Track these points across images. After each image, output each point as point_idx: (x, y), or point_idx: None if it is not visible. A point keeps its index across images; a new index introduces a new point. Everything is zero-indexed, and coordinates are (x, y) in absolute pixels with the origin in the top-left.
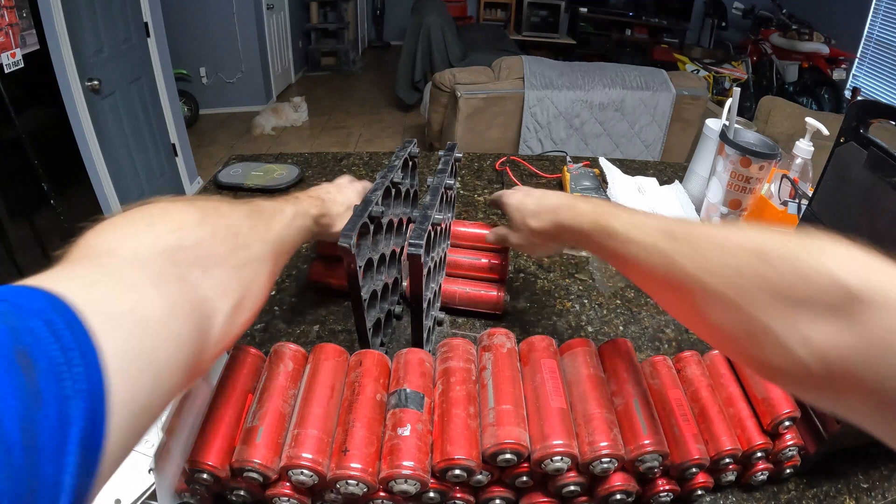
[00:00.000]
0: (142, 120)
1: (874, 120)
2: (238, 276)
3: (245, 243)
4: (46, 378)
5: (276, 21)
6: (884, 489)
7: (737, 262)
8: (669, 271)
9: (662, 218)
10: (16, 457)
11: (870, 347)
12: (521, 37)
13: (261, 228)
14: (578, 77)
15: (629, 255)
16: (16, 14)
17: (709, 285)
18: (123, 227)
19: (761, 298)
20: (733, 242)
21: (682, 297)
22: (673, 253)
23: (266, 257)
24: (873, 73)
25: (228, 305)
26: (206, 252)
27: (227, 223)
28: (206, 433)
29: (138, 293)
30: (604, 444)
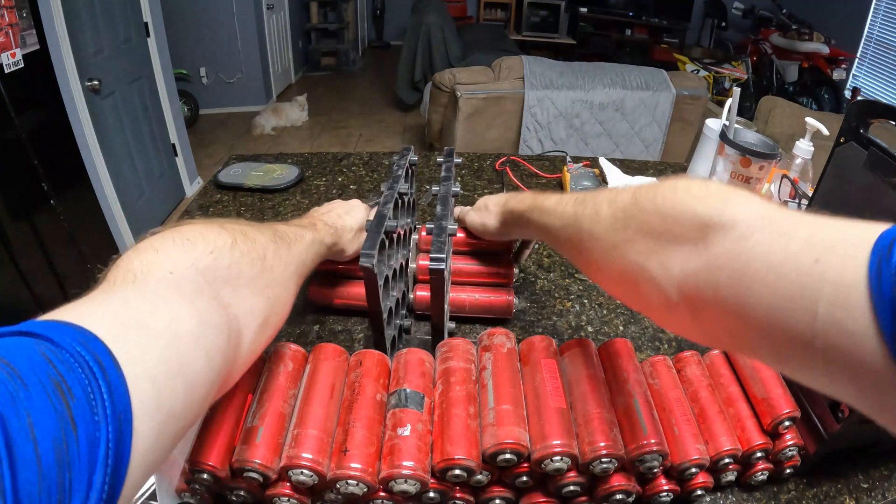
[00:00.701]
0: (142, 120)
1: (874, 120)
2: (264, 296)
3: (270, 266)
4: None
5: (276, 21)
6: (884, 489)
7: (617, 209)
8: (575, 232)
9: (585, 192)
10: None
11: (716, 268)
12: (521, 37)
13: (283, 253)
14: (578, 77)
15: (554, 227)
16: (16, 14)
17: (596, 233)
18: (161, 248)
19: (632, 238)
20: (620, 195)
21: (583, 252)
22: (579, 215)
23: (287, 280)
24: (873, 73)
25: (256, 323)
26: (237, 273)
27: (254, 247)
28: (206, 433)
29: (172, 311)
30: (603, 444)
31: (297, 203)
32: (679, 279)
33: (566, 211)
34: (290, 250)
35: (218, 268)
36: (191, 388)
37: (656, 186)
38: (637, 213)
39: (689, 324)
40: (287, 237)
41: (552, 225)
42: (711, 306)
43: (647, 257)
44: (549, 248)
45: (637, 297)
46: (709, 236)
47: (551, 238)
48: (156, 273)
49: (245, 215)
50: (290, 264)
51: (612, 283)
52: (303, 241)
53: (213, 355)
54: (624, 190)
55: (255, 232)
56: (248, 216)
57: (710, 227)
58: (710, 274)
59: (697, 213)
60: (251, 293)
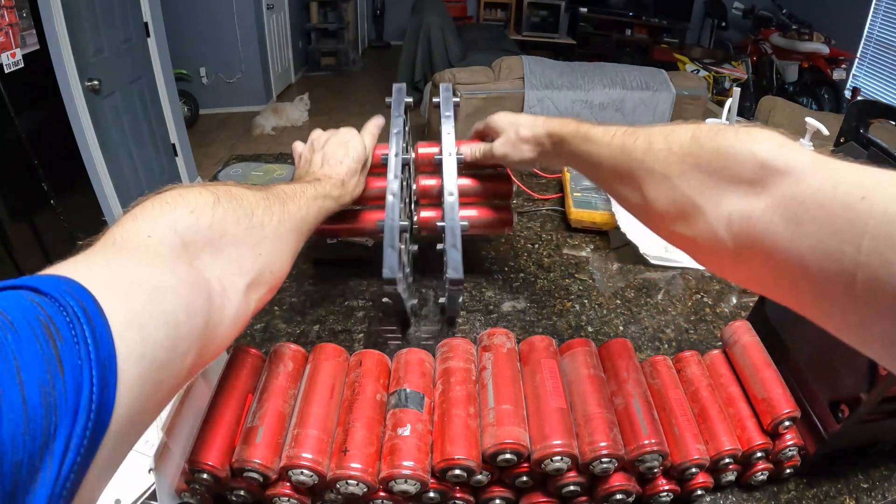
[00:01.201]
0: (142, 120)
1: (874, 120)
2: (252, 255)
3: (260, 222)
4: (68, 347)
5: (276, 21)
6: (884, 489)
7: (673, 143)
8: (626, 163)
9: (630, 126)
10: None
11: (771, 209)
12: (521, 37)
13: (276, 209)
14: (578, 77)
15: (599, 156)
16: (16, 14)
17: (647, 164)
18: (140, 215)
19: (688, 172)
20: (677, 131)
21: (632, 182)
22: (628, 146)
23: (282, 235)
24: (873, 73)
25: (243, 283)
26: (220, 232)
27: (240, 204)
28: (206, 433)
29: (151, 269)
30: (604, 444)
31: None
32: (730, 218)
33: (614, 141)
34: (285, 207)
35: (199, 227)
36: (174, 339)
37: (716, 127)
38: (695, 149)
39: (730, 264)
40: (282, 195)
41: (597, 154)
42: (759, 247)
43: (700, 192)
44: (549, 249)
45: (683, 232)
46: (766, 178)
47: (593, 168)
48: (133, 238)
49: None
50: (284, 220)
51: (657, 217)
52: (302, 197)
53: (193, 314)
54: (679, 126)
55: (243, 191)
56: None
57: (769, 170)
58: (763, 215)
59: (757, 155)
60: (237, 251)
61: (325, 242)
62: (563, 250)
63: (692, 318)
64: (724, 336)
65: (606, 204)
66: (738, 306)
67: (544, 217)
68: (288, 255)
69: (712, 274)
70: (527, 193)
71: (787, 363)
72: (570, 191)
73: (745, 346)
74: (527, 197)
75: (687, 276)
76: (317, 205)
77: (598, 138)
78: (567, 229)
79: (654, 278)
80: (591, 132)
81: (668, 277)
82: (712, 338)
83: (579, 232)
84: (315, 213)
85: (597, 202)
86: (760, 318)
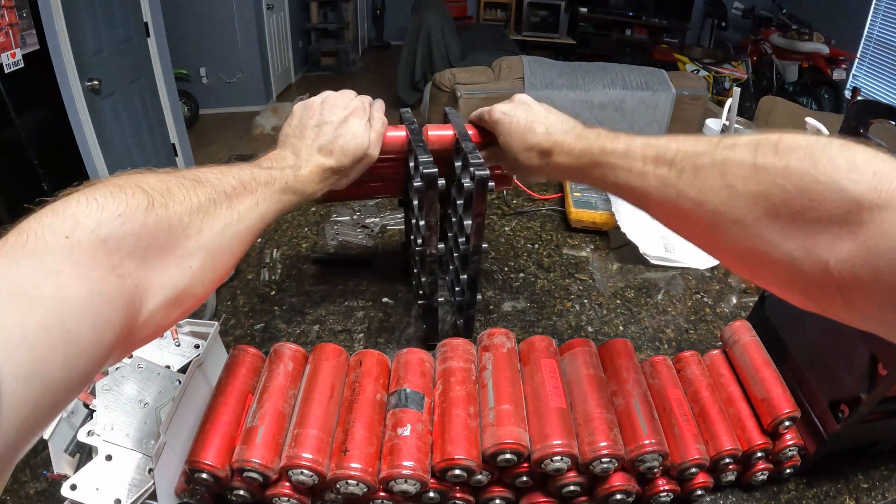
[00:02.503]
0: (142, 120)
1: (874, 120)
2: (181, 267)
3: (197, 231)
4: None
5: (276, 21)
6: (884, 489)
7: (735, 180)
8: (669, 197)
9: (657, 142)
10: None
11: (875, 252)
12: (521, 37)
13: (222, 214)
14: (578, 77)
15: (628, 185)
16: (16, 14)
17: (708, 206)
18: (63, 210)
19: (763, 217)
20: (734, 158)
21: (691, 222)
22: (670, 179)
23: (223, 244)
24: (873, 73)
25: (164, 295)
26: (147, 242)
27: (178, 210)
28: (206, 433)
29: (60, 279)
30: (604, 444)
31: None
32: (827, 262)
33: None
34: (235, 207)
35: (124, 234)
36: (75, 358)
37: (785, 150)
38: (768, 188)
39: (840, 308)
40: (239, 188)
41: (629, 183)
42: (867, 291)
43: (785, 238)
44: (549, 249)
45: (770, 275)
46: (862, 216)
47: (627, 196)
48: (49, 237)
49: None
50: (231, 224)
51: (733, 257)
52: (265, 190)
53: (103, 328)
54: (733, 149)
55: (186, 191)
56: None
57: (865, 207)
58: (867, 258)
59: (847, 191)
60: (164, 264)
61: (325, 242)
62: (563, 250)
63: (692, 318)
64: (724, 336)
65: (606, 204)
66: (738, 306)
67: (544, 217)
68: (227, 263)
69: (712, 274)
70: (527, 193)
71: (787, 363)
72: (570, 191)
73: (745, 346)
74: (527, 197)
75: (687, 276)
76: (282, 200)
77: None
78: (567, 229)
79: (654, 278)
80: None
81: (668, 277)
82: (712, 338)
83: (579, 232)
84: (276, 209)
85: (597, 202)
86: (760, 318)
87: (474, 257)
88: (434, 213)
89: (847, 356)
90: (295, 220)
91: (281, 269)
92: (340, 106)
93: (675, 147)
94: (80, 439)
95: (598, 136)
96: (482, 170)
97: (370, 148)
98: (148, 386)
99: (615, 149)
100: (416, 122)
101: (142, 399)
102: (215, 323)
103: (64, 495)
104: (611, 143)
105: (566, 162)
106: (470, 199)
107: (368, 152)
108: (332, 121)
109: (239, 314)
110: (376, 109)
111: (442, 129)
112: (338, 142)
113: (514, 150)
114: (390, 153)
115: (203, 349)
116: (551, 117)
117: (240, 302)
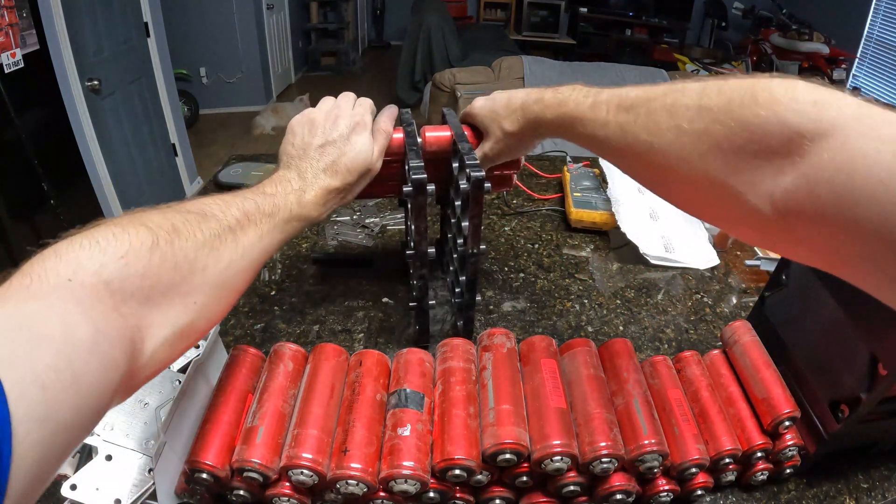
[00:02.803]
0: (142, 120)
1: None
2: (185, 305)
3: (202, 267)
4: None
5: (276, 21)
6: (884, 489)
7: (682, 120)
8: (628, 142)
9: (621, 91)
10: None
11: (815, 181)
12: (521, 37)
13: (227, 248)
14: (578, 77)
15: (594, 135)
16: (16, 14)
17: (657, 147)
18: (66, 253)
19: (709, 152)
20: (681, 101)
21: (644, 164)
22: (628, 124)
23: (228, 279)
24: (873, 73)
25: (167, 333)
26: (152, 282)
27: (182, 247)
28: (206, 433)
29: (66, 319)
30: (604, 444)
31: None
32: (771, 195)
33: (613, 120)
34: (240, 241)
35: (128, 276)
36: (85, 398)
37: (728, 90)
38: (711, 125)
39: (783, 241)
40: (244, 220)
41: (596, 136)
42: (811, 221)
43: (729, 173)
44: (549, 249)
45: (718, 212)
46: (804, 147)
47: (599, 150)
48: (52, 280)
49: None
50: (235, 261)
51: (683, 197)
52: (270, 221)
53: (109, 368)
54: (683, 92)
55: (191, 227)
56: None
57: (805, 137)
58: (809, 188)
59: (788, 122)
60: (168, 302)
61: (325, 242)
62: (563, 250)
63: (692, 318)
64: (724, 336)
65: (606, 204)
66: (738, 306)
67: (544, 217)
68: (231, 298)
69: (712, 274)
70: (527, 193)
71: (787, 363)
72: (570, 191)
73: (745, 346)
74: (527, 197)
75: (687, 276)
76: (286, 230)
77: (585, 117)
78: (567, 229)
79: (654, 278)
80: (575, 112)
81: (668, 277)
82: (712, 338)
83: (579, 232)
84: (280, 240)
85: (597, 202)
86: (760, 318)
87: (472, 259)
88: (423, 217)
89: (847, 356)
90: None
91: (281, 269)
92: (343, 119)
93: (634, 94)
94: None
95: (571, 92)
96: (478, 171)
97: (374, 163)
98: (148, 386)
99: (584, 101)
100: (414, 123)
101: (142, 399)
102: None
103: (64, 495)
104: (583, 96)
105: (544, 115)
106: (467, 201)
107: (372, 167)
108: (336, 139)
109: (239, 314)
110: (383, 120)
111: (439, 130)
112: (342, 160)
113: (500, 121)
114: (389, 155)
115: (203, 349)
116: (531, 89)
117: (240, 302)
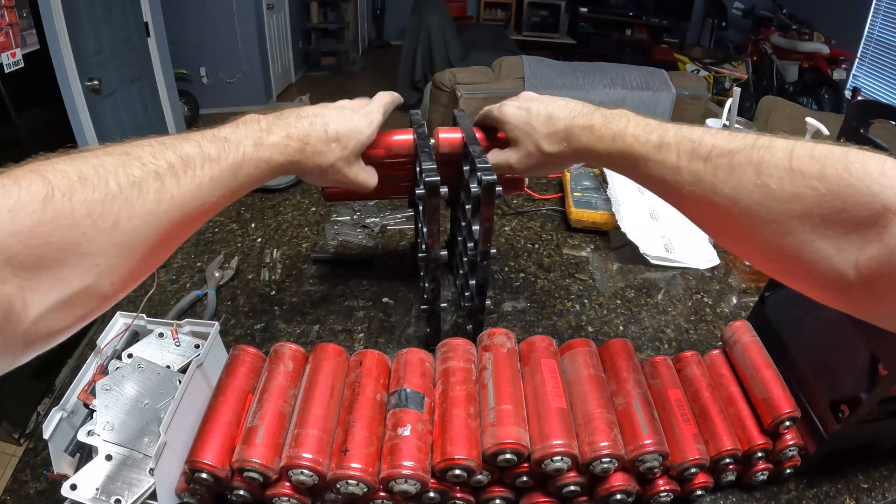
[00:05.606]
0: (142, 120)
1: (874, 120)
2: (83, 265)
3: (112, 223)
4: None
5: (276, 21)
6: (884, 489)
7: (770, 180)
8: (704, 192)
9: (691, 134)
10: None
11: None
12: (522, 37)
13: (148, 199)
14: (578, 77)
15: (661, 178)
16: (16, 14)
17: (741, 203)
18: None
19: (797, 217)
20: (770, 162)
21: (722, 218)
22: (706, 175)
23: (144, 237)
24: (873, 73)
25: (56, 298)
26: (40, 241)
27: (85, 199)
28: (206, 433)
29: None
30: (604, 444)
31: (297, 203)
32: (857, 261)
33: (682, 165)
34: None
35: (15, 231)
36: None
37: (821, 156)
38: (803, 190)
39: (866, 302)
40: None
41: (661, 176)
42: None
43: (817, 238)
44: (550, 249)
45: (800, 273)
46: (888, 218)
47: (658, 189)
48: None
49: (245, 215)
50: (157, 214)
51: (761, 255)
52: (211, 168)
53: None
54: (770, 150)
55: (104, 175)
56: (247, 216)
57: (891, 211)
58: (891, 256)
59: (878, 195)
60: (61, 264)
61: (325, 242)
62: (563, 250)
63: (692, 318)
64: (724, 336)
65: (606, 204)
66: (738, 306)
67: (544, 217)
68: (151, 259)
69: (712, 274)
70: (527, 193)
71: (787, 363)
72: (570, 191)
73: (745, 346)
74: (527, 197)
75: (687, 276)
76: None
77: (658, 160)
78: (567, 229)
79: (654, 278)
80: (636, 151)
81: (668, 277)
82: (712, 338)
83: (579, 232)
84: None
85: (597, 202)
86: (760, 318)
87: (482, 263)
88: (436, 220)
89: (847, 356)
90: (295, 220)
91: (281, 269)
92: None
93: (710, 142)
94: (80, 439)
95: (627, 123)
96: (489, 175)
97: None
98: (148, 386)
99: (648, 139)
100: (424, 124)
101: (142, 399)
102: (215, 323)
103: (64, 495)
104: (643, 132)
105: (595, 147)
106: (478, 205)
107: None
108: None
109: (239, 314)
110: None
111: (452, 131)
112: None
113: (537, 139)
114: (399, 156)
115: (203, 349)
116: (570, 103)
117: (240, 302)
